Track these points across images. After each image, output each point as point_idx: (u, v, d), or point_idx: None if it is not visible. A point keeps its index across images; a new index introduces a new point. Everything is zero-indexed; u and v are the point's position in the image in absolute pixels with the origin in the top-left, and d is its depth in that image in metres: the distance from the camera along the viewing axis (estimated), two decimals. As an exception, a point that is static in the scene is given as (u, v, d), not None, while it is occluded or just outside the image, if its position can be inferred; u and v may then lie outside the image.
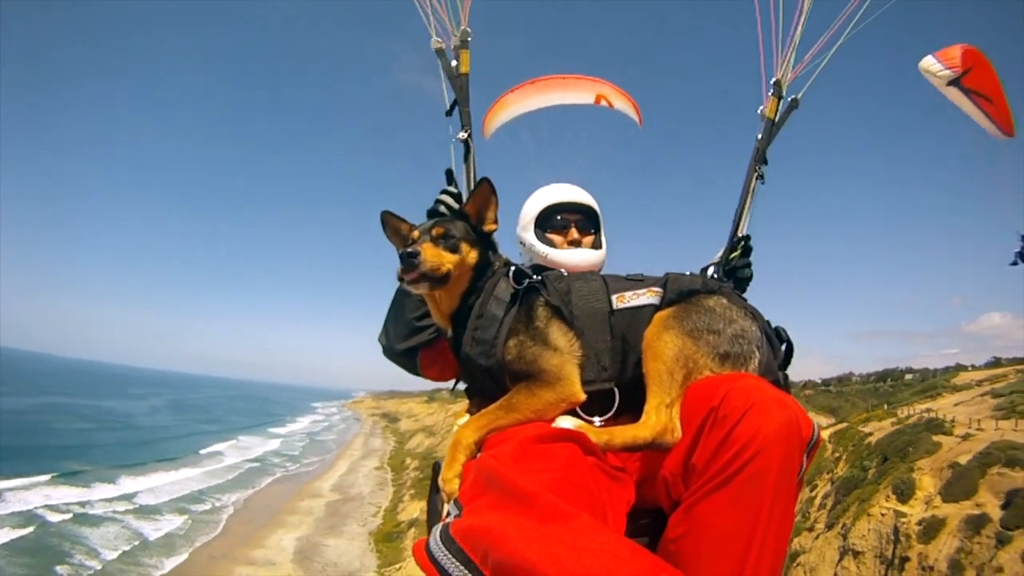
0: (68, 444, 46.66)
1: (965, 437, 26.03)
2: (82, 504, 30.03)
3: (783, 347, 2.34)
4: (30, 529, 24.97)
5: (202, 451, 52.30)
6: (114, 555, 23.65)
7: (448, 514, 1.77)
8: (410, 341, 2.66)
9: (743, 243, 3.06)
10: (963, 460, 22.56)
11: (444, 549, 1.48)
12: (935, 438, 26.33)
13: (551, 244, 3.08)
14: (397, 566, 24.53)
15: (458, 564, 1.43)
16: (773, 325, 2.32)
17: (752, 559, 1.58)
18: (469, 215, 2.38)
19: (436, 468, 2.25)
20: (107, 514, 28.82)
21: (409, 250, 2.10)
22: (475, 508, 1.61)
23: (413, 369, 2.78)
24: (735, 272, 2.98)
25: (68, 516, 27.80)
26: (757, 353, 2.05)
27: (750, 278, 2.99)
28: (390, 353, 2.76)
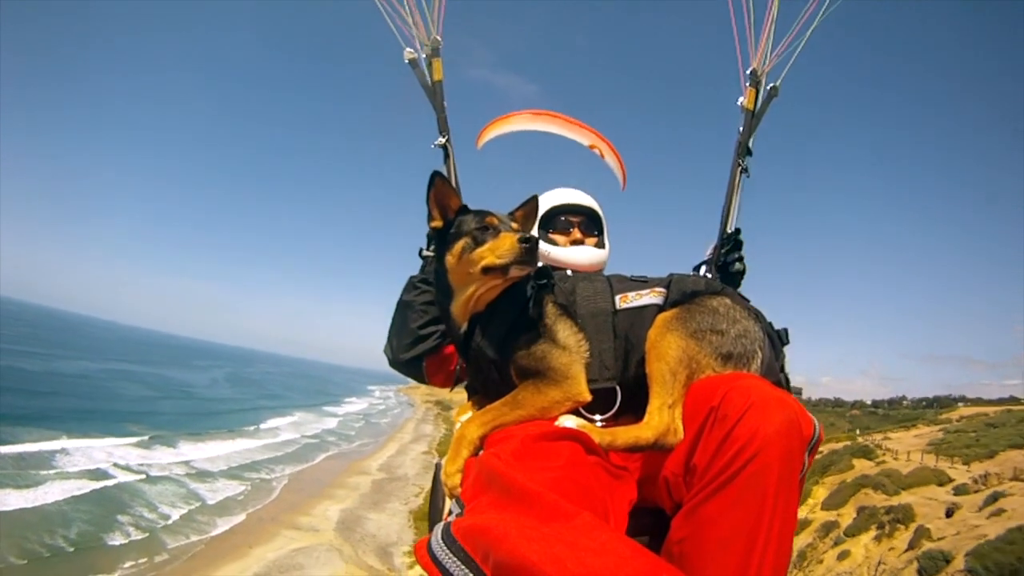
0: (131, 409, 49.07)
1: (877, 463, 32.57)
2: (144, 465, 31.77)
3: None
4: (95, 484, 26.76)
5: (261, 425, 53.77)
6: (172, 511, 25.15)
7: (450, 512, 1.83)
8: (415, 350, 2.75)
9: (734, 237, 3.13)
10: (849, 479, 29.27)
11: (445, 548, 1.51)
12: (854, 461, 33.82)
13: (553, 244, 3.18)
14: None
15: (459, 563, 1.46)
16: (776, 327, 2.38)
17: (756, 560, 1.59)
18: (517, 221, 2.46)
19: (438, 467, 2.31)
20: (168, 476, 30.49)
21: (532, 236, 2.16)
22: (476, 507, 1.65)
23: (420, 377, 2.85)
24: (727, 267, 3.09)
25: (130, 475, 29.50)
26: (760, 353, 2.10)
27: (743, 272, 3.07)
28: (396, 363, 2.86)
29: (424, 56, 3.39)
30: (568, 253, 3.10)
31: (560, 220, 3.24)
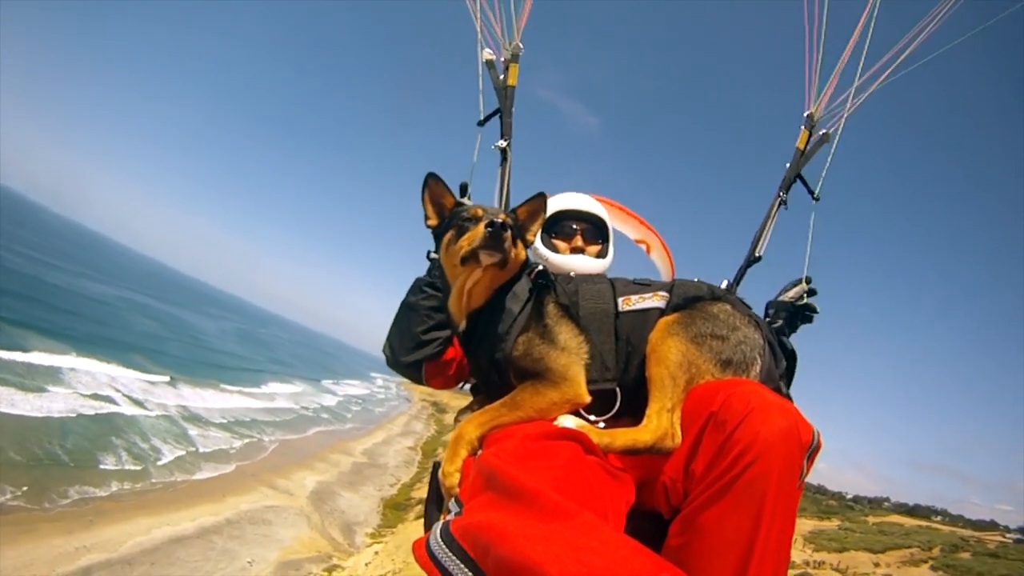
0: (141, 343, 49.91)
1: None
2: (146, 400, 32.95)
3: (785, 359, 2.48)
4: (97, 405, 28.16)
5: (262, 387, 54.32)
6: (164, 447, 26.52)
7: (449, 512, 1.84)
8: (416, 354, 2.77)
9: (810, 285, 2.99)
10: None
11: (444, 547, 1.52)
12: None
13: (554, 249, 3.25)
14: (392, 529, 26.41)
15: (458, 562, 1.46)
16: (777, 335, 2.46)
17: (754, 567, 1.62)
18: (518, 218, 2.48)
19: (436, 467, 2.32)
20: (167, 415, 31.79)
21: (502, 222, 2.17)
22: (475, 506, 1.65)
23: (418, 380, 2.86)
24: (802, 312, 2.93)
25: (132, 406, 30.70)
26: (759, 360, 2.15)
27: (815, 312, 2.92)
28: (395, 365, 2.85)
29: (503, 60, 3.49)
30: (565, 261, 3.17)
31: (564, 225, 3.30)
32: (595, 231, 3.33)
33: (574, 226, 3.29)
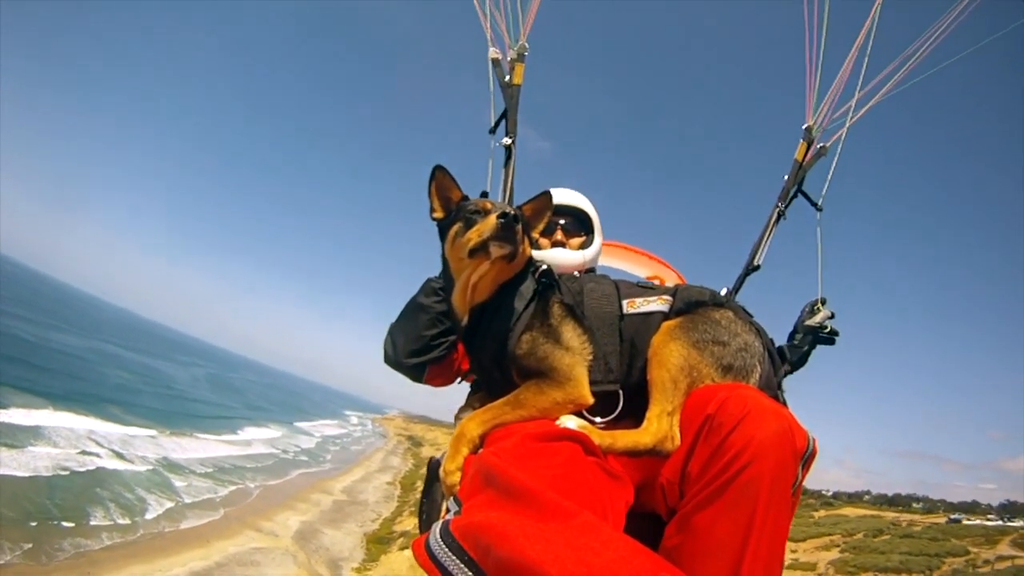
0: (115, 395, 49.56)
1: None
2: (127, 452, 33.14)
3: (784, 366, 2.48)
4: (81, 460, 28.38)
5: (239, 433, 54.37)
6: (150, 497, 26.93)
7: (448, 511, 1.84)
8: (421, 357, 2.68)
9: (823, 304, 3.06)
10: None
11: (444, 547, 1.51)
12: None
13: (536, 245, 3.05)
14: (376, 562, 26.79)
15: (458, 562, 1.46)
16: (776, 344, 2.44)
17: (746, 568, 1.63)
18: (525, 215, 2.42)
19: (433, 465, 2.36)
20: (148, 467, 31.87)
21: (514, 213, 2.14)
22: (475, 505, 1.66)
23: (416, 379, 2.79)
24: (822, 331, 2.99)
25: (114, 459, 30.86)
26: (759, 367, 2.15)
27: (837, 335, 2.99)
28: (395, 364, 2.76)
29: (509, 59, 3.45)
30: (543, 255, 3.05)
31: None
32: (576, 223, 3.27)
33: (553, 220, 3.12)
